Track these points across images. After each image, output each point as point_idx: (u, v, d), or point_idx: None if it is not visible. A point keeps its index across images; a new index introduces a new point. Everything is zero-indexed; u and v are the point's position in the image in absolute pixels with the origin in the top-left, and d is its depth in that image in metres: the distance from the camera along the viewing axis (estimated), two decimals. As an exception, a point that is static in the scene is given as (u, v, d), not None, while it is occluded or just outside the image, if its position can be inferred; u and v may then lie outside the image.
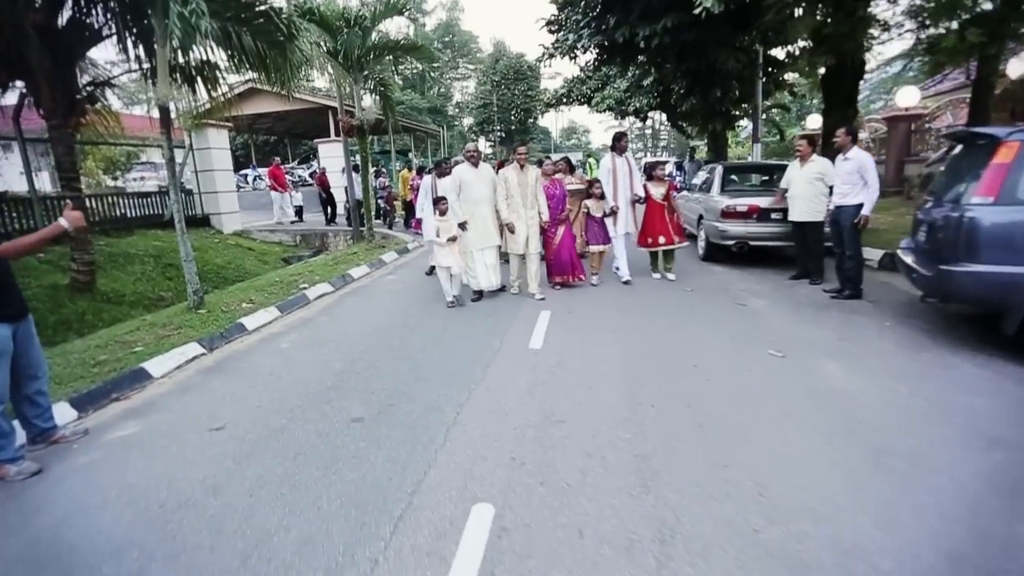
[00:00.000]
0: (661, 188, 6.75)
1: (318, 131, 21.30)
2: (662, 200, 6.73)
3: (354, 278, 8.32)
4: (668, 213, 6.75)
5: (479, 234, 6.07)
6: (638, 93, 17.79)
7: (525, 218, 6.07)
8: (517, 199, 6.02)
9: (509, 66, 47.37)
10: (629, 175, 6.52)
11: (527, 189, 6.04)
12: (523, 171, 6.06)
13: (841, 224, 5.72)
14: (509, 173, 6.03)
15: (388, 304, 6.63)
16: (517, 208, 6.03)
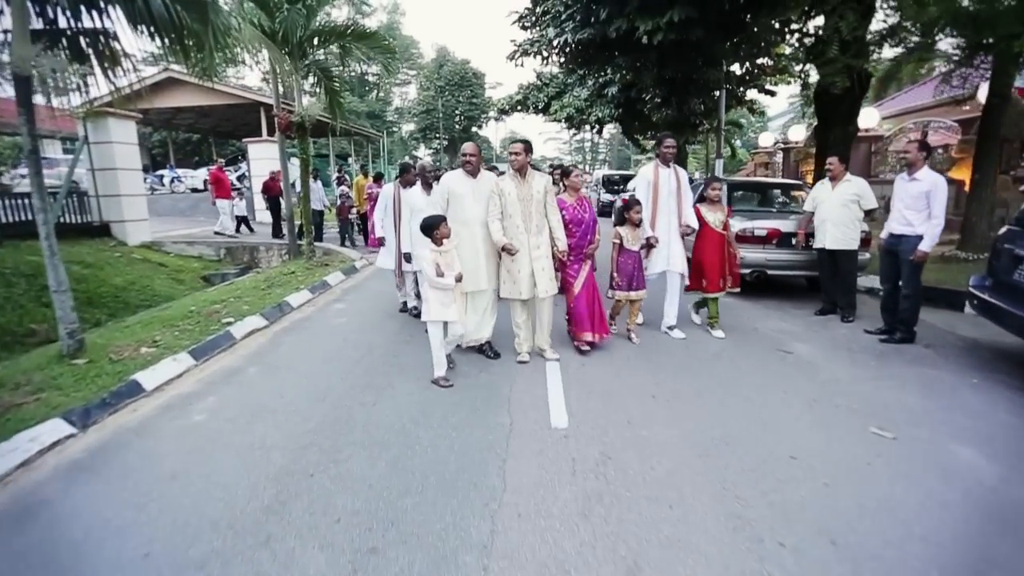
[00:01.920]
0: (718, 213, 5.09)
1: (248, 130, 19.19)
2: (720, 229, 5.08)
3: (293, 307, 6.74)
4: (726, 248, 5.14)
5: (471, 271, 4.33)
6: (599, 102, 17.05)
7: (528, 246, 4.32)
8: (517, 220, 4.29)
9: (454, 72, 46.19)
10: (677, 194, 4.85)
11: (531, 205, 4.30)
12: (524, 180, 4.33)
13: (902, 257, 4.84)
14: (506, 184, 4.33)
15: (341, 348, 5.16)
16: (516, 233, 4.32)
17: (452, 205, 4.39)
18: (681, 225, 4.97)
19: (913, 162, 4.86)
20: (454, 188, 4.41)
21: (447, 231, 3.98)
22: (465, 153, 4.46)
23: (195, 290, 9.05)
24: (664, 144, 4.91)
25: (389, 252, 6.08)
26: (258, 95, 17.61)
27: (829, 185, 5.70)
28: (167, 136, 26.09)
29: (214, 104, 17.72)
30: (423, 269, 3.88)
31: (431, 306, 3.95)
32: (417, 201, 5.21)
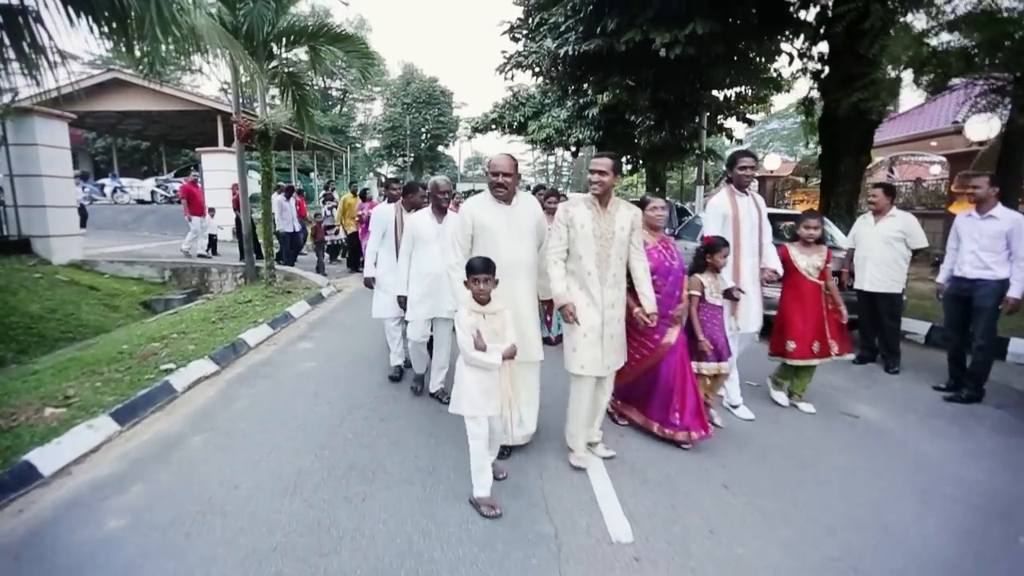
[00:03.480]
0: (813, 257, 3.98)
1: (203, 139, 17.87)
2: (816, 278, 3.97)
3: (250, 346, 5.65)
4: (826, 302, 4.04)
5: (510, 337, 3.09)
6: (579, 124, 16.55)
7: (602, 304, 3.04)
8: (589, 265, 3.01)
9: (422, 89, 45.47)
10: (758, 229, 3.77)
11: (611, 247, 3.02)
12: (605, 211, 3.04)
13: (977, 304, 4.24)
14: (579, 213, 3.02)
15: (312, 408, 4.15)
16: (587, 283, 3.04)
17: (480, 243, 3.13)
18: (766, 270, 3.81)
19: (984, 199, 4.28)
20: (482, 220, 3.14)
21: (488, 285, 2.69)
22: (497, 170, 3.10)
23: (132, 319, 7.78)
24: (740, 164, 3.74)
25: (390, 295, 4.42)
26: (214, 101, 16.34)
27: (871, 219, 5.12)
28: (112, 143, 24.18)
29: (165, 110, 16.36)
30: (458, 338, 2.68)
31: (468, 394, 2.66)
32: (424, 230, 3.98)
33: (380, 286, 4.65)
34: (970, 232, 4.35)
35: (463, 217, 3.20)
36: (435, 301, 3.98)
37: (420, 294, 4.01)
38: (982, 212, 4.27)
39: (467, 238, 3.17)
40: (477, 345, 2.60)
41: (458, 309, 2.76)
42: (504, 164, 3.15)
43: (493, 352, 2.62)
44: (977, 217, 4.31)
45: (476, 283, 2.67)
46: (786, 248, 4.08)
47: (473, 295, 2.71)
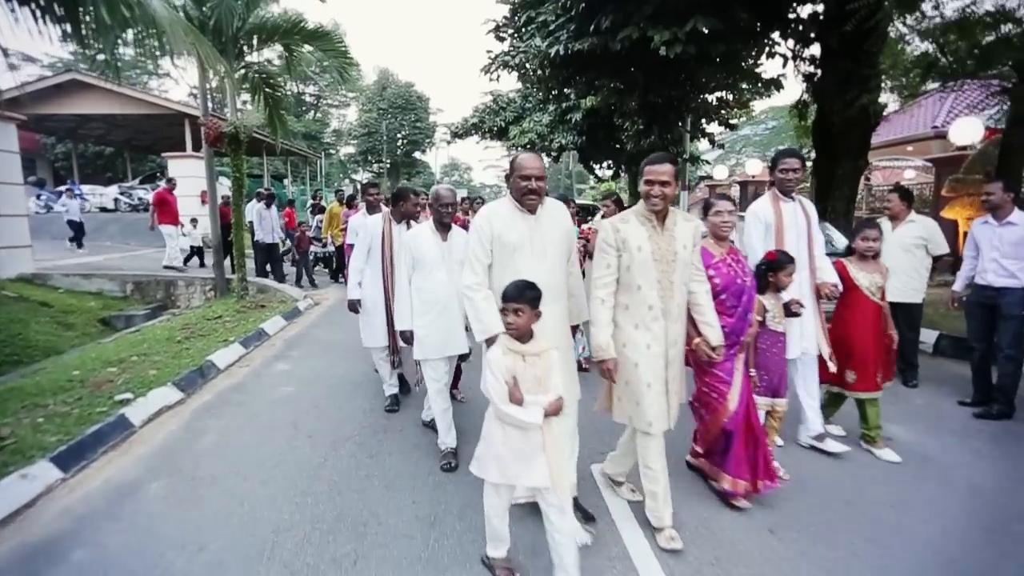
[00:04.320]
0: (874, 275, 3.47)
1: (170, 144, 17.05)
2: (877, 298, 3.46)
3: (219, 369, 5.13)
4: (884, 324, 3.53)
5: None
6: (562, 128, 16.27)
7: (665, 341, 2.47)
8: (650, 296, 2.45)
9: (398, 94, 44.91)
10: (807, 239, 3.30)
11: (673, 271, 2.46)
12: (663, 227, 2.48)
13: (1004, 312, 4.01)
14: (632, 232, 2.46)
15: (291, 443, 3.67)
16: (646, 319, 2.46)
17: (501, 263, 2.51)
18: (827, 284, 3.29)
19: (999, 204, 4.14)
20: (501, 232, 2.50)
21: (534, 316, 2.13)
22: (528, 172, 2.46)
23: (88, 338, 7.14)
24: (782, 164, 3.27)
25: (374, 321, 4.01)
26: (181, 105, 15.61)
27: (889, 225, 4.86)
28: (72, 148, 23.06)
29: (129, 113, 15.56)
30: (487, 384, 2.10)
31: (498, 457, 2.11)
32: (426, 251, 3.27)
33: (367, 311, 4.06)
34: (989, 239, 4.19)
35: (480, 227, 2.56)
36: (449, 334, 3.28)
37: (429, 327, 3.26)
38: (999, 218, 4.13)
39: (487, 252, 2.53)
40: (512, 397, 2.05)
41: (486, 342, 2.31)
42: (535, 165, 2.49)
43: (532, 408, 2.05)
44: (995, 224, 4.16)
45: (507, 314, 2.12)
46: (843, 263, 3.54)
47: (507, 329, 2.16)
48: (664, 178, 2.40)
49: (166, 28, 5.71)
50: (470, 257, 2.56)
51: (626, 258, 2.46)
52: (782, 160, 3.33)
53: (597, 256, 2.50)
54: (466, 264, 2.59)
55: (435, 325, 3.27)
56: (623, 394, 2.55)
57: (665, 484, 2.54)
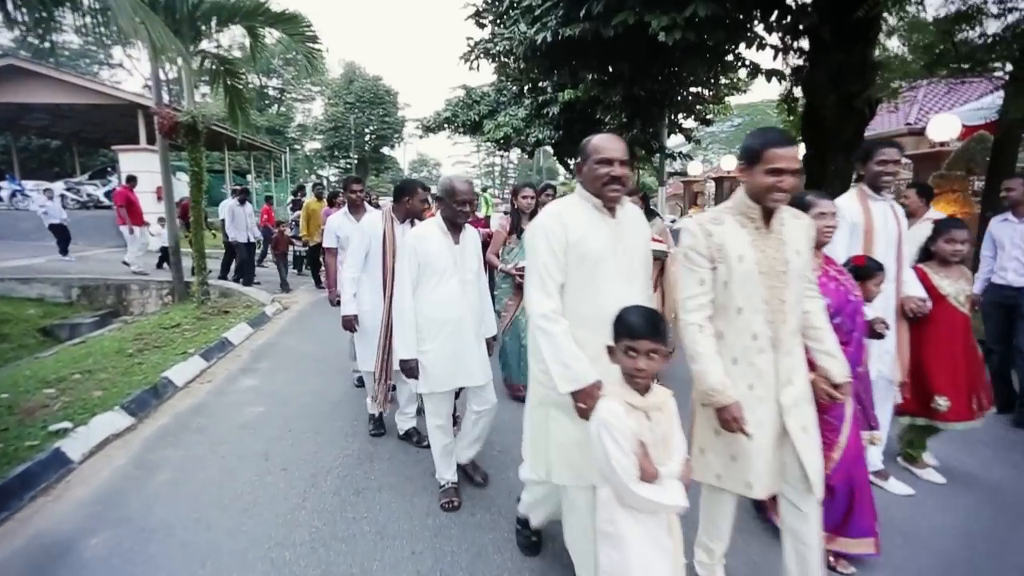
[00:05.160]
0: (961, 282, 2.99)
1: (123, 138, 15.96)
2: (966, 308, 3.00)
3: (177, 387, 4.55)
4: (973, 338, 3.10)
5: None
6: (538, 123, 15.89)
7: (776, 381, 1.85)
8: (755, 322, 1.84)
9: (365, 88, 43.82)
10: (896, 245, 2.83)
11: (785, 287, 1.83)
12: (768, 230, 1.85)
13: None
14: (732, 238, 1.84)
15: (263, 479, 3.17)
16: (749, 353, 1.84)
17: (578, 283, 1.92)
18: (912, 299, 2.83)
19: (1021, 200, 3.93)
20: (582, 241, 1.90)
21: (666, 355, 1.62)
22: (609, 155, 1.89)
23: (26, 351, 6.40)
24: (879, 156, 2.75)
25: (369, 340, 3.38)
26: (134, 95, 14.60)
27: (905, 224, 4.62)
28: (11, 140, 21.51)
29: (75, 103, 14.45)
30: (606, 457, 1.53)
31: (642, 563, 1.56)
32: (436, 256, 2.64)
33: (365, 329, 3.44)
34: (1011, 237, 4.00)
35: (550, 231, 1.90)
36: (461, 361, 2.68)
37: (437, 352, 2.64)
38: (1020, 215, 3.94)
39: (561, 267, 1.91)
40: (645, 473, 1.51)
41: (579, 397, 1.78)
42: (617, 147, 1.92)
43: (670, 485, 1.54)
44: (1015, 221, 3.99)
45: (636, 357, 1.55)
46: (923, 270, 3.02)
47: (629, 376, 1.60)
48: (796, 165, 1.80)
49: (111, 3, 5.09)
50: (539, 273, 1.91)
51: (723, 271, 1.84)
52: (879, 151, 2.79)
53: (684, 271, 1.93)
54: (532, 283, 1.93)
55: (445, 350, 2.65)
56: (711, 445, 1.92)
57: (727, 542, 2.09)
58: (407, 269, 2.66)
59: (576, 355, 1.82)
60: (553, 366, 1.84)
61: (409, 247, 2.68)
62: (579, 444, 1.84)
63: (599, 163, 1.90)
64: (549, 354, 1.86)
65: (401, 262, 2.74)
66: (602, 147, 1.91)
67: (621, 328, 1.61)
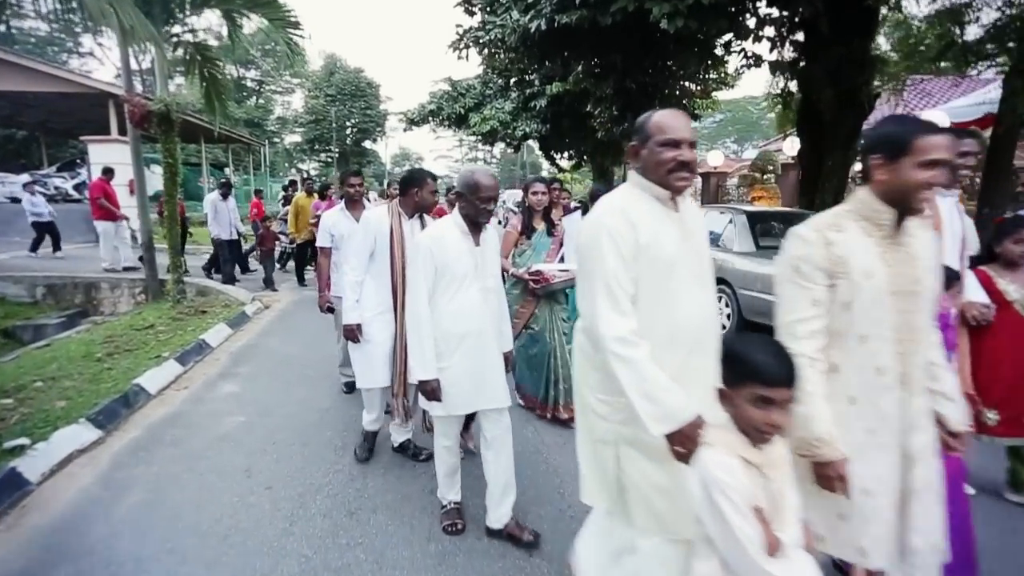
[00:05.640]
0: None
1: (94, 128, 15.33)
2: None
3: (150, 395, 4.23)
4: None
5: None
6: (525, 116, 15.67)
7: (900, 428, 1.54)
8: (884, 356, 1.51)
9: (346, 80, 43.03)
10: (962, 244, 2.57)
11: (915, 304, 1.52)
12: (895, 236, 1.53)
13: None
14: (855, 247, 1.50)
15: (246, 501, 2.89)
16: (878, 392, 1.51)
17: (651, 293, 1.57)
18: (975, 305, 2.62)
19: None
20: (654, 242, 1.56)
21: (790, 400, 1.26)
22: (676, 135, 1.55)
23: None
24: (960, 147, 2.42)
25: (374, 352, 2.99)
26: (103, 83, 13.99)
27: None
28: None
29: (41, 91, 13.77)
30: (719, 523, 1.21)
31: None
32: (456, 259, 2.31)
33: (370, 339, 2.98)
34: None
35: (617, 233, 1.54)
36: (482, 380, 2.36)
37: (455, 370, 2.31)
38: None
39: (633, 277, 1.55)
40: (770, 545, 1.19)
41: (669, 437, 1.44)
42: (685, 127, 1.58)
43: (799, 558, 1.25)
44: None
45: (770, 408, 1.21)
46: (987, 273, 2.73)
47: (753, 430, 1.24)
48: (950, 155, 1.49)
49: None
50: (608, 286, 1.53)
51: (844, 289, 1.50)
52: (960, 142, 2.46)
53: (790, 288, 1.56)
54: (599, 299, 1.53)
55: (463, 367, 2.31)
56: (812, 501, 1.53)
57: None
58: (422, 275, 2.28)
59: (667, 386, 1.47)
60: (639, 402, 1.47)
61: (424, 249, 2.30)
62: (663, 490, 1.56)
63: (664, 145, 1.56)
64: (632, 387, 1.48)
65: (415, 266, 2.33)
66: (667, 125, 1.57)
67: (746, 369, 1.24)
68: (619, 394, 1.53)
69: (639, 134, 1.63)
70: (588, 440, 1.76)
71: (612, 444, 1.65)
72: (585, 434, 1.77)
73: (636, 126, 1.66)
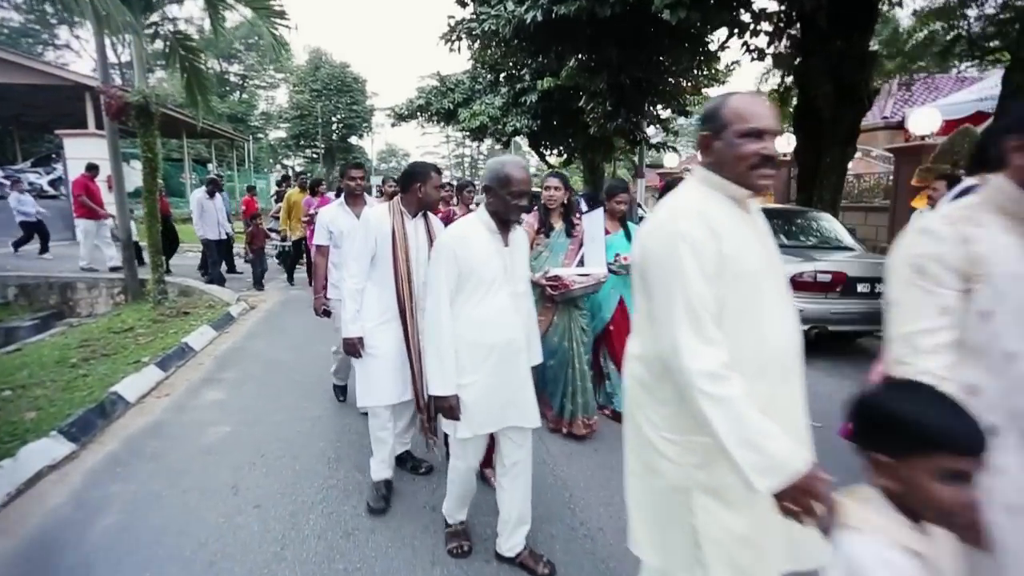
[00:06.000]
0: None
1: (71, 122, 14.81)
2: None
3: (129, 403, 3.99)
4: None
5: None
6: (515, 111, 15.45)
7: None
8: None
9: (332, 75, 42.44)
10: None
11: None
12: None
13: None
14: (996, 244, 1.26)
15: (233, 521, 2.68)
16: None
17: (737, 312, 1.31)
18: None
19: None
20: (739, 253, 1.31)
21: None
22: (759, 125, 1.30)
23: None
24: None
25: (381, 367, 2.64)
26: (79, 75, 13.54)
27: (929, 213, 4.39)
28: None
29: (12, 83, 13.28)
30: None
31: None
32: (484, 262, 2.05)
33: (374, 352, 2.64)
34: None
35: (700, 244, 1.29)
36: (512, 396, 2.11)
37: (480, 386, 2.06)
38: None
39: (717, 296, 1.30)
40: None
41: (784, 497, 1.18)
42: (768, 114, 1.33)
43: None
44: None
45: (963, 483, 0.92)
46: None
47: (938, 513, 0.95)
48: None
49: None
50: (690, 308, 1.26)
51: (985, 296, 1.26)
52: None
53: (912, 293, 1.32)
54: (679, 324, 1.27)
55: (490, 383, 2.05)
56: None
57: None
58: (444, 278, 2.03)
59: (771, 432, 1.20)
60: (738, 451, 1.20)
61: (447, 250, 2.04)
62: (749, 543, 1.34)
63: (745, 136, 1.30)
64: (729, 433, 1.22)
65: (436, 269, 2.06)
66: (748, 112, 1.31)
67: (927, 434, 0.93)
68: (694, 433, 1.31)
69: (712, 122, 1.37)
70: (648, 485, 1.50)
71: (683, 492, 1.40)
72: (644, 478, 1.51)
73: (707, 112, 1.39)
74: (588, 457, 3.24)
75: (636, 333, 1.49)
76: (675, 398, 1.32)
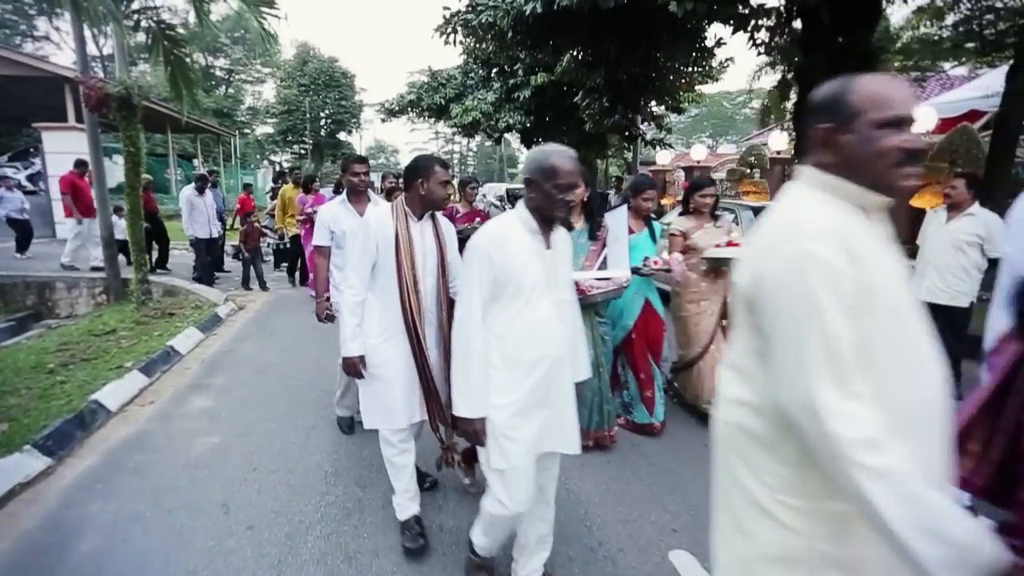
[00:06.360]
0: None
1: (52, 115, 14.35)
2: None
3: (110, 412, 3.76)
4: None
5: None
6: (508, 107, 15.28)
7: None
8: None
9: (320, 70, 41.91)
10: None
11: None
12: None
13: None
14: None
15: (223, 546, 2.48)
16: None
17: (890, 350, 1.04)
18: None
19: None
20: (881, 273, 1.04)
21: None
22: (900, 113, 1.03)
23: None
24: None
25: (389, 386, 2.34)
26: (58, 66, 13.11)
27: (943, 216, 4.27)
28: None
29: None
30: None
31: None
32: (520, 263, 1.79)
33: (378, 372, 2.34)
34: None
35: (837, 272, 1.01)
36: (552, 417, 1.88)
37: (518, 407, 1.82)
38: None
39: (862, 338, 1.01)
40: None
41: None
42: (908, 97, 1.06)
43: None
44: None
45: None
46: None
47: None
48: None
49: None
50: (833, 354, 1.00)
51: None
52: None
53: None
54: (815, 374, 1.00)
55: (527, 403, 1.82)
56: None
57: None
58: (477, 285, 1.78)
59: (951, 513, 0.95)
60: (917, 542, 0.93)
61: (481, 253, 1.78)
62: None
63: (884, 127, 1.04)
64: (902, 519, 0.94)
65: (468, 275, 1.81)
66: (887, 97, 1.05)
67: None
68: (825, 499, 1.09)
69: (835, 111, 1.09)
70: (750, 554, 1.22)
71: (805, 565, 1.15)
72: (744, 546, 1.23)
73: (824, 100, 1.12)
74: (601, 468, 3.08)
75: (740, 373, 1.23)
76: (800, 459, 1.09)
